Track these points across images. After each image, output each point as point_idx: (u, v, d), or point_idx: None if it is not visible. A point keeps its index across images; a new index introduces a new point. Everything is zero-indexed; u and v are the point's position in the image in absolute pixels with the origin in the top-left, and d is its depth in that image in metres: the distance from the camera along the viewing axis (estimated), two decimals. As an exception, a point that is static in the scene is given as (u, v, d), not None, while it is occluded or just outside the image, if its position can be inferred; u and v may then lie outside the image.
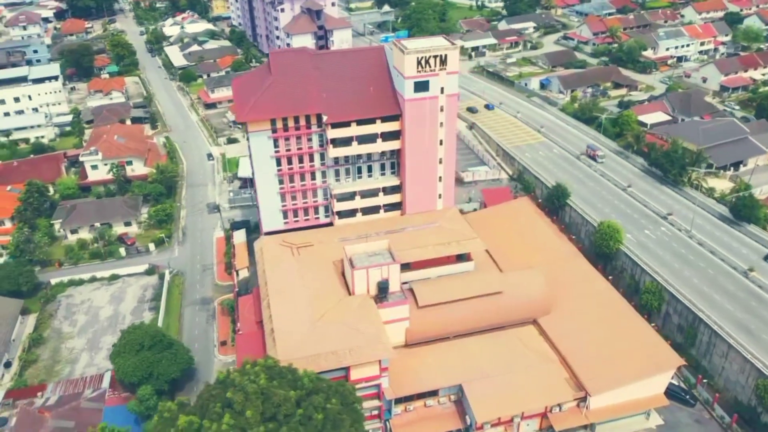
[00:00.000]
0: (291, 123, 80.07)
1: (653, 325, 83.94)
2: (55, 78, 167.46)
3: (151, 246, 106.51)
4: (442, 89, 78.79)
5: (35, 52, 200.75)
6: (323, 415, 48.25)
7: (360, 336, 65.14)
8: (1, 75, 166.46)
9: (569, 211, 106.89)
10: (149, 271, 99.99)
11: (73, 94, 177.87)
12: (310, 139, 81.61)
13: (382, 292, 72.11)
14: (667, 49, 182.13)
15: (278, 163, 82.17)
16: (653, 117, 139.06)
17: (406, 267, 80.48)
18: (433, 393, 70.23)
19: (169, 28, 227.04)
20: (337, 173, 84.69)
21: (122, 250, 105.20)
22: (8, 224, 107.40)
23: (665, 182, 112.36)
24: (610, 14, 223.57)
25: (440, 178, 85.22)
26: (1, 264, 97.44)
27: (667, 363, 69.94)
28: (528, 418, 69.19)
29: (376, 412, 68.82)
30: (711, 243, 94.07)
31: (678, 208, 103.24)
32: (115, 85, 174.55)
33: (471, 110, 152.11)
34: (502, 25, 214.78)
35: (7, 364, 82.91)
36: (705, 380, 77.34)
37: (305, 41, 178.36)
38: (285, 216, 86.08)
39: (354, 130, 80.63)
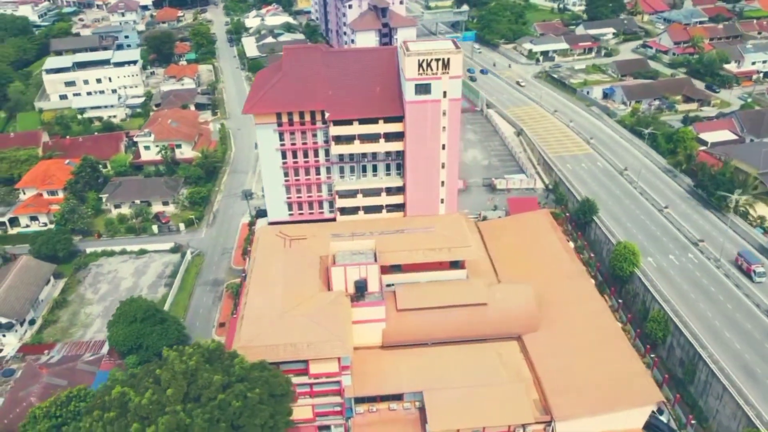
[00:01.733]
0: (296, 118, 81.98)
1: (653, 356, 79.44)
2: (134, 62, 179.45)
3: (182, 226, 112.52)
4: (444, 93, 77.80)
5: (126, 37, 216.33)
6: (242, 403, 49.72)
7: (322, 332, 65.98)
8: (89, 57, 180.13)
9: (595, 227, 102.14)
10: (173, 249, 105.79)
11: (151, 78, 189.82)
12: (315, 135, 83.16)
13: (359, 291, 72.64)
14: (753, 63, 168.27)
15: (283, 156, 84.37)
16: (717, 135, 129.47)
17: (397, 269, 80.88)
18: (399, 397, 69.97)
19: (251, 20, 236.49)
20: (341, 170, 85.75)
21: (155, 228, 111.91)
22: (61, 194, 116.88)
23: (709, 206, 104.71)
24: (700, 23, 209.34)
25: (443, 182, 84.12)
26: (43, 230, 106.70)
27: (646, 397, 65.87)
28: (490, 435, 67.55)
29: (338, 409, 69.62)
30: (739, 276, 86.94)
31: (715, 235, 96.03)
32: (188, 71, 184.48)
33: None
34: (580, 30, 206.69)
35: (32, 322, 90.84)
36: (700, 423, 71.81)
37: (369, 38, 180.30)
38: (290, 208, 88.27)
39: (356, 129, 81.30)
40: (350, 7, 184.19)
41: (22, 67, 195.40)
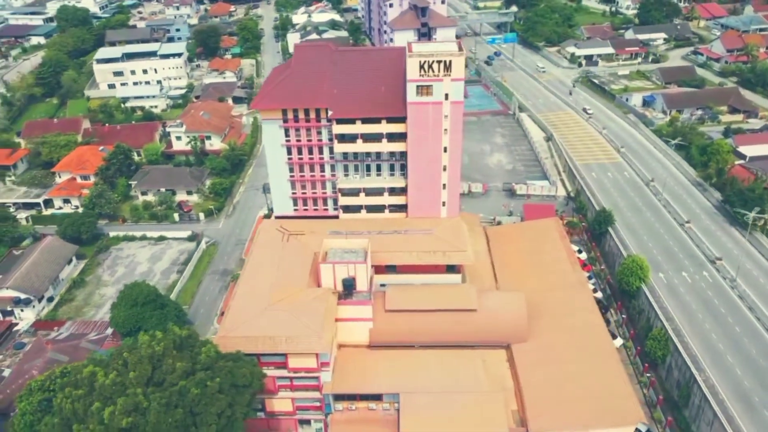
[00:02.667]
0: (301, 115, 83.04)
1: (650, 375, 76.68)
2: (179, 55, 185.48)
3: (201, 215, 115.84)
4: (446, 96, 77.17)
5: (177, 30, 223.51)
6: (201, 390, 51.05)
7: (302, 327, 66.83)
8: (137, 49, 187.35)
9: (609, 239, 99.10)
10: (190, 238, 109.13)
11: (195, 71, 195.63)
12: (319, 132, 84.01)
13: (347, 289, 73.11)
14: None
15: (289, 152, 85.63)
16: (758, 149, 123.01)
17: (392, 269, 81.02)
18: (378, 397, 70.07)
19: (298, 16, 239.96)
20: (346, 168, 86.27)
21: (176, 216, 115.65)
22: (93, 179, 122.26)
23: (735, 223, 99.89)
24: (760, 30, 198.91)
25: (444, 185, 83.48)
26: (70, 213, 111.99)
27: (626, 418, 63.53)
28: (465, 443, 66.74)
29: (318, 404, 70.41)
30: (754, 298, 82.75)
31: (737, 254, 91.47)
32: (231, 65, 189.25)
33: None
34: (629, 34, 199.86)
35: (50, 299, 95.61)
36: (691, 447, 69.03)
37: (407, 37, 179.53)
38: (295, 203, 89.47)
39: (359, 128, 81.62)
40: (391, 5, 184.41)
41: (79, 56, 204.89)
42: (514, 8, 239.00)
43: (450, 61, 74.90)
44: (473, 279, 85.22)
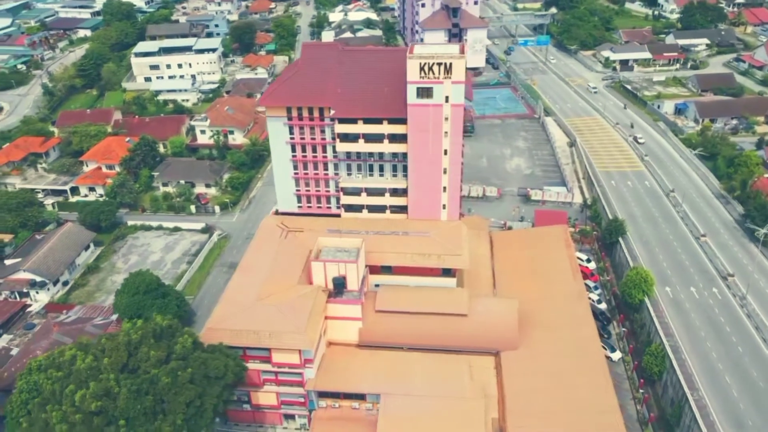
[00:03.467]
0: (306, 113, 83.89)
1: (643, 391, 74.61)
2: (213, 50, 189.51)
3: (217, 208, 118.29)
4: (446, 98, 76.72)
5: (216, 26, 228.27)
6: (171, 380, 52.38)
7: (286, 323, 67.65)
8: (173, 43, 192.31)
9: (619, 249, 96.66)
10: (204, 230, 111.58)
11: (230, 66, 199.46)
12: (323, 131, 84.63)
13: (337, 288, 73.56)
14: None
15: (293, 149, 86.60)
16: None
17: (387, 270, 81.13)
18: (362, 397, 70.36)
19: (335, 14, 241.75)
20: (348, 167, 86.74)
21: (193, 207, 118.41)
22: (117, 169, 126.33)
23: (755, 238, 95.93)
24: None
25: (444, 188, 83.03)
26: (91, 201, 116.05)
27: (607, 432, 62.13)
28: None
29: (302, 400, 71.22)
30: (763, 317, 79.51)
31: (751, 271, 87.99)
32: (263, 61, 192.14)
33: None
34: (669, 39, 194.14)
35: (65, 283, 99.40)
36: (680, 468, 66.95)
37: (437, 37, 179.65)
38: (299, 200, 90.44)
39: (361, 128, 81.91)
40: (423, 5, 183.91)
41: (122, 49, 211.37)
42: (553, 10, 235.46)
43: (450, 64, 74.41)
44: (472, 283, 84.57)
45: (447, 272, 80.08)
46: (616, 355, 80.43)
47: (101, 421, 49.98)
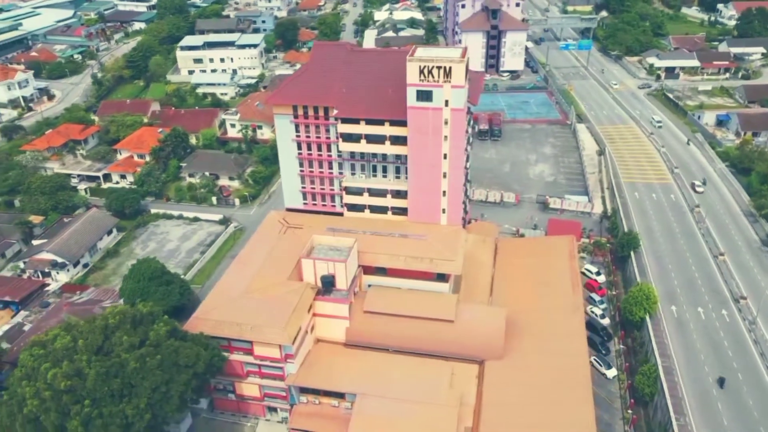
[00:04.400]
0: (311, 112, 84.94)
1: (631, 412, 72.27)
2: (255, 46, 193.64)
3: (237, 201, 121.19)
4: (446, 102, 76.17)
5: (263, 22, 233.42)
6: (138, 364, 54.35)
7: (268, 317, 68.89)
8: (217, 38, 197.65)
9: (630, 264, 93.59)
10: (221, 221, 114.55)
11: (271, 62, 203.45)
12: (327, 130, 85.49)
13: (326, 286, 74.31)
14: None
15: (299, 147, 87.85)
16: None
17: (382, 272, 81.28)
18: (342, 395, 70.93)
19: (380, 13, 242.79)
20: (353, 167, 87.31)
21: (214, 199, 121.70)
22: (147, 158, 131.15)
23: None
24: None
25: (444, 192, 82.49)
26: (117, 188, 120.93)
27: (579, 452, 60.58)
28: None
29: (284, 393, 72.42)
30: (771, 344, 75.62)
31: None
32: (303, 58, 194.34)
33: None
34: (722, 47, 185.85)
35: (85, 265, 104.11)
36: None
37: (475, 39, 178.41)
38: (305, 197, 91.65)
39: (363, 129, 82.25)
40: (463, 6, 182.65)
41: (172, 43, 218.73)
42: (603, 13, 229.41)
43: (450, 68, 73.80)
44: (469, 289, 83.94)
45: (441, 277, 79.58)
46: (612, 373, 78.12)
47: (70, 399, 52.43)
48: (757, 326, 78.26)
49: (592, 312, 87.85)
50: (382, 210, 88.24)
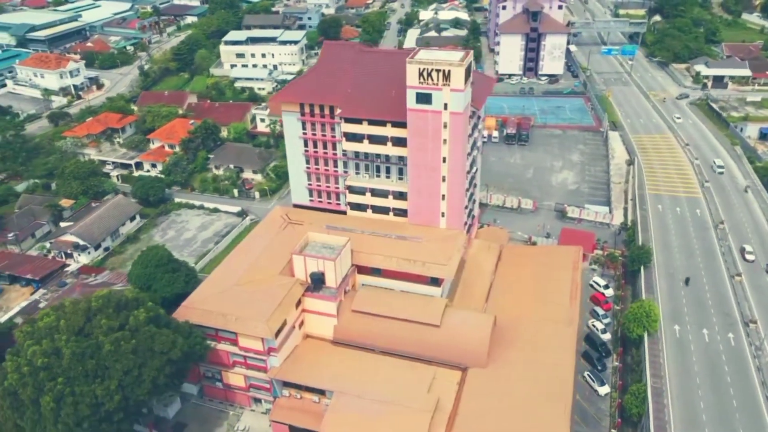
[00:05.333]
0: (317, 110, 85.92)
1: (614, 431, 70.03)
2: (296, 42, 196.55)
3: (257, 194, 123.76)
4: (445, 105, 75.61)
5: (309, 18, 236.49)
6: (113, 347, 56.58)
7: (253, 310, 70.19)
8: (259, 34, 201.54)
9: (640, 279, 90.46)
10: (239, 213, 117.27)
11: (312, 59, 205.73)
12: (333, 129, 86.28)
13: (315, 283, 75.19)
14: None
15: (305, 144, 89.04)
16: None
17: (377, 272, 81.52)
18: (323, 392, 71.64)
19: (426, 12, 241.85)
20: (357, 167, 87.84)
21: (235, 191, 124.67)
22: (177, 149, 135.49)
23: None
24: None
25: (443, 196, 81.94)
26: (145, 176, 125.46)
27: (546, 467, 59.29)
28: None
29: (267, 385, 73.78)
30: (776, 372, 71.75)
31: (783, 320, 79.61)
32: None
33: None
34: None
35: (106, 249, 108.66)
36: None
37: (513, 42, 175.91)
38: (311, 194, 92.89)
39: (365, 129, 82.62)
40: (504, 8, 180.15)
41: (220, 36, 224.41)
42: (657, 18, 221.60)
43: (449, 71, 73.24)
44: (465, 295, 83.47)
45: (435, 281, 79.18)
46: (604, 390, 75.86)
47: (46, 375, 55.16)
48: (764, 352, 74.41)
49: (594, 326, 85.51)
50: (384, 211, 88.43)
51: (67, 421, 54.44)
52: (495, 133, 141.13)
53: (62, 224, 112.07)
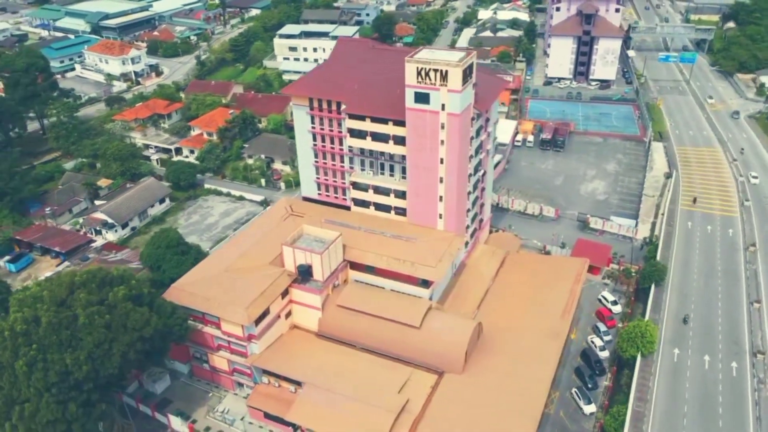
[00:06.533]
0: (325, 105, 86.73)
1: (591, 453, 67.34)
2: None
3: (282, 185, 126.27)
4: (443, 106, 74.61)
5: (367, 14, 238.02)
6: (86, 321, 59.51)
7: (236, 296, 71.88)
8: (313, 28, 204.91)
9: (649, 297, 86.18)
10: (261, 202, 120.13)
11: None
12: (340, 124, 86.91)
13: (302, 275, 76.17)
14: None
15: (314, 138, 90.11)
16: None
17: (370, 270, 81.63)
18: (299, 383, 72.57)
19: (485, 12, 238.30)
20: (362, 163, 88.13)
21: (263, 181, 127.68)
22: (214, 137, 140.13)
23: (827, 318, 79.89)
24: None
25: (441, 198, 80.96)
26: (179, 161, 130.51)
27: (499, 481, 57.78)
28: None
29: (248, 371, 75.50)
30: (774, 409, 66.75)
31: (798, 354, 73.94)
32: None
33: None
34: None
35: (133, 229, 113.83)
36: None
37: (564, 44, 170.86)
38: (319, 188, 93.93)
39: (368, 126, 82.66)
40: (557, 9, 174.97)
41: (278, 30, 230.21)
42: (730, 24, 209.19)
43: (446, 71, 72.20)
44: (457, 299, 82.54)
45: (424, 283, 78.47)
46: (590, 408, 72.80)
47: (23, 341, 58.76)
48: (766, 386, 69.34)
49: (593, 342, 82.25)
50: (386, 209, 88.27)
51: (38, 386, 57.80)
52: (530, 138, 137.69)
53: (97, 202, 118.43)
